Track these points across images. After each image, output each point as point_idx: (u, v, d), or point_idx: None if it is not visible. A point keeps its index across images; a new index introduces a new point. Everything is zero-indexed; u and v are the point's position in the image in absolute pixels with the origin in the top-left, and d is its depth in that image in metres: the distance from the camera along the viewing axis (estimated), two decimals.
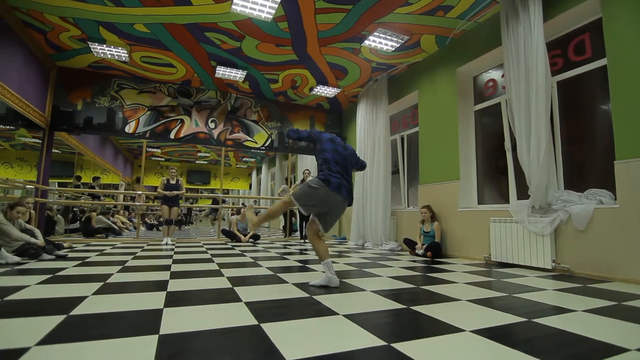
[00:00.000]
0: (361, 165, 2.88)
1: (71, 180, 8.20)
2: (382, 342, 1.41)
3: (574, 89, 3.76)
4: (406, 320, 1.72)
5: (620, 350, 1.37)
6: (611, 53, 3.15)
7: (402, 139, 6.38)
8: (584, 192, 3.35)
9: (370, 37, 4.93)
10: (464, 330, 1.57)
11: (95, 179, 8.44)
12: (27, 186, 6.38)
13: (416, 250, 4.78)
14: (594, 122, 3.66)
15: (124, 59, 5.77)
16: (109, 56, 5.69)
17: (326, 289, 2.41)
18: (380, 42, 5.03)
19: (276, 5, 4.22)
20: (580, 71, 3.63)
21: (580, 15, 3.60)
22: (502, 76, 4.41)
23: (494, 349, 1.37)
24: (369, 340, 1.43)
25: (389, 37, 4.92)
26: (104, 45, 5.35)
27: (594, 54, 3.55)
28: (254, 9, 4.30)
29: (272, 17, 4.47)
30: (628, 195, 2.92)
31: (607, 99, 3.22)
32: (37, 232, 3.93)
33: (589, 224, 3.16)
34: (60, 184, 8.11)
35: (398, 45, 5.11)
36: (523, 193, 3.89)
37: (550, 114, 3.49)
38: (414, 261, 4.18)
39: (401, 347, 1.36)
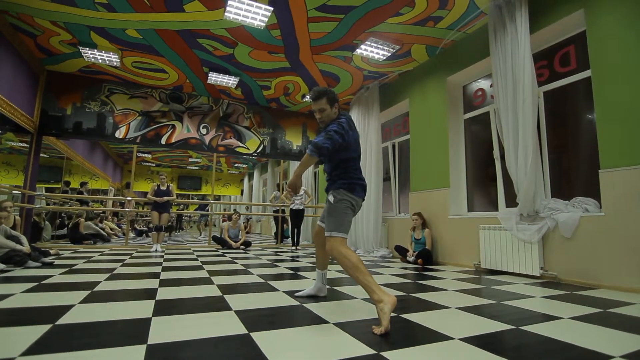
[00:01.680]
0: None
1: (59, 185, 8.07)
2: (371, 351, 1.41)
3: (560, 99, 3.86)
4: (396, 328, 1.73)
5: (605, 357, 1.40)
6: (595, 65, 3.24)
7: (394, 146, 6.44)
8: (570, 200, 3.42)
9: (362, 46, 5.00)
10: (453, 339, 1.59)
11: (82, 184, 8.31)
12: (14, 191, 6.26)
13: (407, 257, 4.80)
14: (579, 132, 3.75)
15: (115, 64, 5.74)
16: (100, 61, 5.65)
17: (315, 298, 2.40)
18: (372, 51, 5.10)
19: (269, 14, 4.26)
20: (566, 82, 3.72)
21: (566, 27, 3.70)
22: (491, 86, 4.50)
23: (482, 357, 1.39)
24: (358, 348, 1.44)
25: (381, 46, 5.00)
26: (95, 50, 5.32)
27: (578, 65, 3.65)
28: (247, 17, 4.34)
29: (264, 24, 4.50)
30: (612, 203, 2.99)
31: (592, 109, 3.30)
32: (23, 238, 3.85)
33: (575, 231, 3.22)
34: (47, 189, 7.97)
35: (389, 54, 5.19)
36: (512, 201, 3.95)
37: (537, 124, 3.57)
38: (405, 268, 4.20)
39: (390, 355, 1.37)
